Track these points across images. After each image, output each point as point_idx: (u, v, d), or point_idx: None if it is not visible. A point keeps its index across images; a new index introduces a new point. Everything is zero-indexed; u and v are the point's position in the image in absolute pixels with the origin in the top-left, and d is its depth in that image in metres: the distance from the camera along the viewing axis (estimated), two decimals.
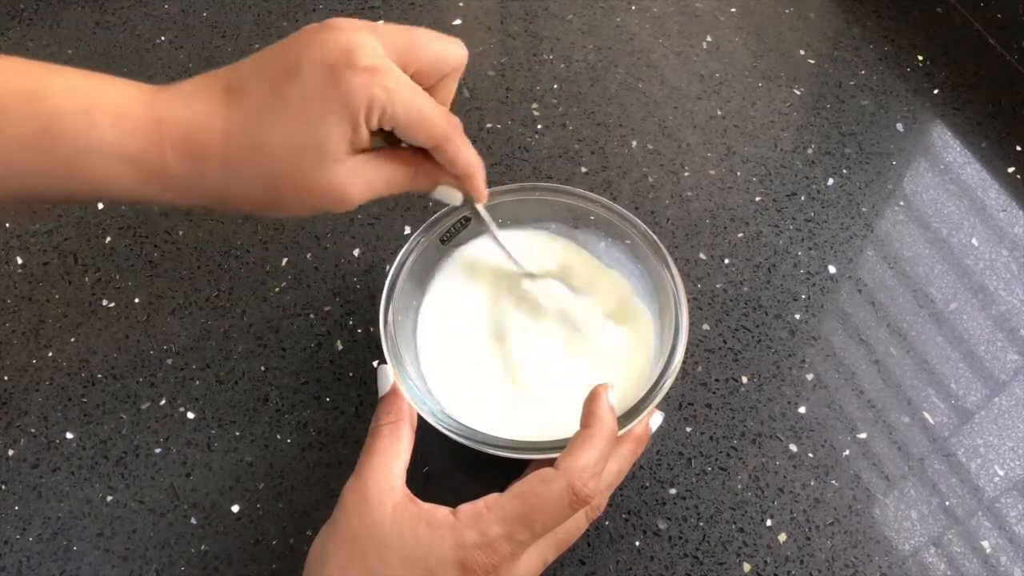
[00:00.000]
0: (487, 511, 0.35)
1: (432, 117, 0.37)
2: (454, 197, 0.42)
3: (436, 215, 0.46)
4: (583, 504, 0.35)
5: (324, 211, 0.37)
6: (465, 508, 0.35)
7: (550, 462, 0.36)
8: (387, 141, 0.40)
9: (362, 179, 0.37)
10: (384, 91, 0.35)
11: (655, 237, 0.45)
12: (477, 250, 0.49)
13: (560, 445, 0.38)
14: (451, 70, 0.39)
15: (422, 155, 0.39)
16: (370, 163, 0.37)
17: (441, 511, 0.35)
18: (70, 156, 0.34)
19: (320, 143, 0.35)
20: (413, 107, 0.36)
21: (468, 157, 0.40)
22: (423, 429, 0.40)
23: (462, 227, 0.47)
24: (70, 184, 0.35)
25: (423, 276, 0.47)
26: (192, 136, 0.34)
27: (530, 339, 0.46)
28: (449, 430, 0.40)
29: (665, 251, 0.45)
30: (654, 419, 0.42)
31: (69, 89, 0.34)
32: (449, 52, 0.39)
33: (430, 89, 0.39)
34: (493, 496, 0.35)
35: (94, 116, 0.34)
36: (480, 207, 0.44)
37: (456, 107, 0.61)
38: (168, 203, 0.37)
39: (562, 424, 0.43)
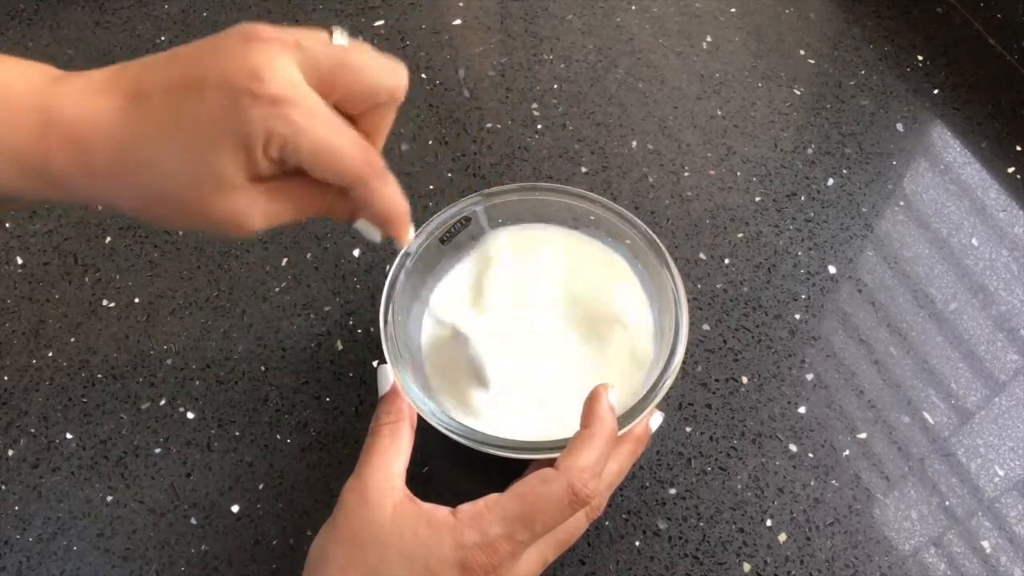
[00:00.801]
0: (487, 511, 0.35)
1: (345, 156, 0.33)
2: (373, 234, 0.38)
3: (436, 215, 0.46)
4: (583, 504, 0.35)
5: (217, 233, 0.34)
6: (465, 508, 0.35)
7: (550, 462, 0.36)
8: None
9: (261, 209, 0.34)
10: (287, 125, 0.31)
11: (655, 237, 0.45)
12: (477, 254, 0.49)
13: (560, 445, 0.38)
14: (386, 100, 0.35)
15: (338, 188, 0.36)
16: (273, 193, 0.34)
17: (441, 511, 0.35)
18: None
19: (212, 172, 0.32)
20: (322, 143, 0.32)
21: (386, 202, 0.36)
22: (423, 429, 0.40)
23: (462, 227, 0.47)
24: None
25: (423, 276, 0.47)
26: (80, 139, 0.32)
27: (530, 339, 0.46)
28: (449, 430, 0.40)
29: (665, 251, 0.45)
30: (654, 419, 0.42)
31: None
32: (382, 81, 0.34)
33: (359, 117, 0.35)
34: (493, 496, 0.35)
35: None
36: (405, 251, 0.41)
37: (456, 107, 0.61)
38: (54, 201, 0.35)
39: (562, 424, 0.43)
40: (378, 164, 0.35)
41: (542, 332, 0.46)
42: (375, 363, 0.50)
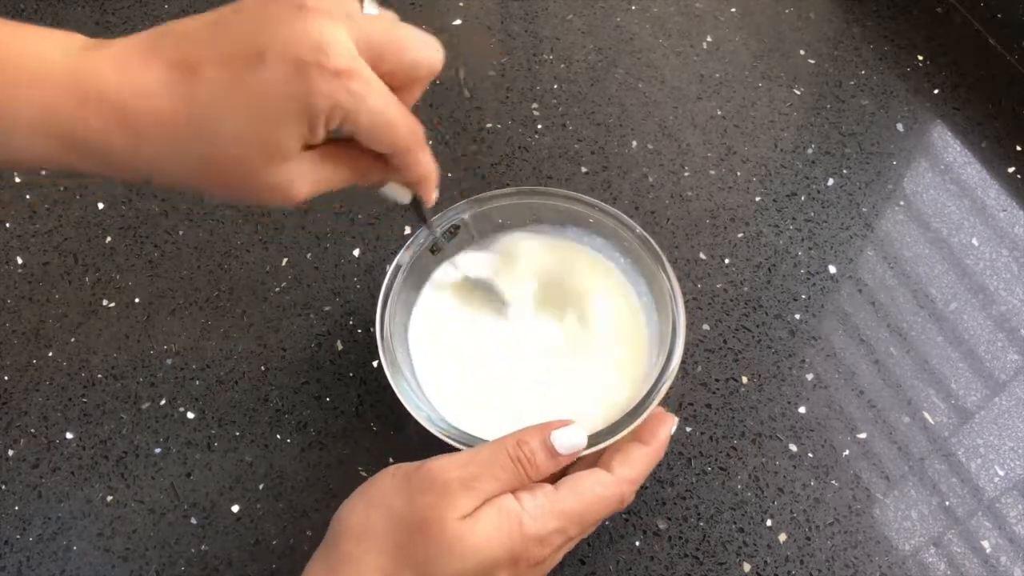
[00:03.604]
0: (548, 504, 0.35)
1: (395, 126, 0.35)
2: (402, 196, 0.40)
3: (434, 218, 0.46)
4: (619, 511, 0.38)
5: (263, 204, 0.35)
6: (528, 499, 0.35)
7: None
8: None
9: (308, 178, 0.35)
10: (351, 97, 0.32)
11: (651, 240, 0.45)
12: (472, 258, 0.49)
13: None
14: (424, 75, 0.36)
15: (375, 154, 0.37)
16: (319, 161, 0.35)
17: (507, 502, 0.35)
18: None
19: (273, 142, 0.32)
20: (378, 113, 0.34)
21: (424, 167, 0.38)
22: (421, 430, 0.40)
23: (451, 236, 0.47)
24: None
25: (416, 285, 0.47)
26: (127, 111, 0.32)
27: (526, 342, 0.46)
28: (447, 435, 0.40)
29: (661, 253, 0.45)
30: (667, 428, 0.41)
31: None
32: (424, 57, 0.36)
33: (397, 90, 0.36)
34: (551, 489, 0.36)
35: (13, 84, 0.32)
36: (427, 211, 0.42)
37: (456, 107, 0.61)
38: (96, 175, 0.34)
39: None
40: (421, 133, 0.36)
41: (538, 335, 0.46)
42: (375, 363, 0.50)
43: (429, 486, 0.34)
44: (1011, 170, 0.58)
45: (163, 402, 0.49)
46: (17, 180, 0.57)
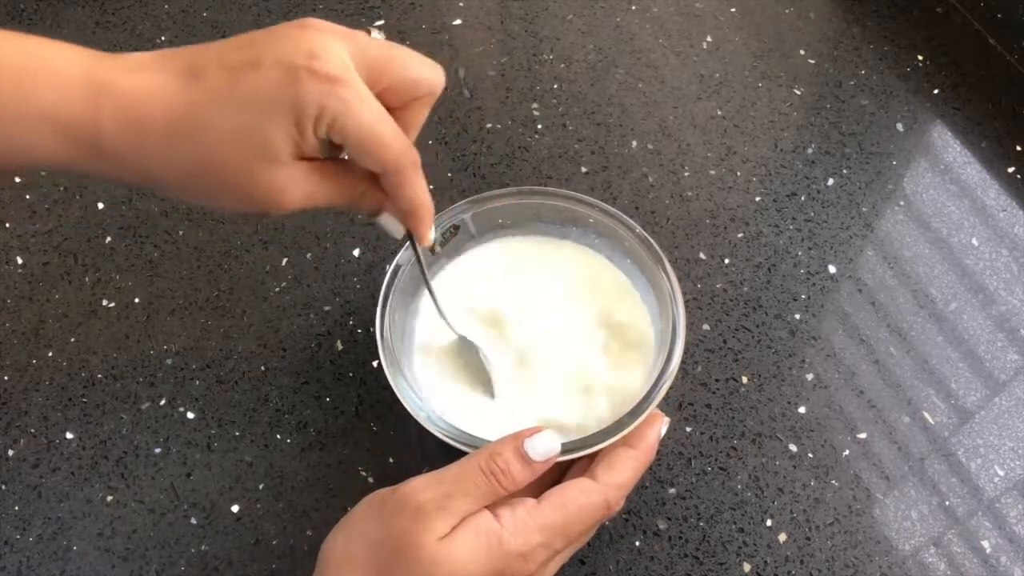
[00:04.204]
0: (529, 518, 0.35)
1: (386, 142, 0.35)
2: (396, 230, 0.40)
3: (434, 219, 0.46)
4: (609, 518, 0.37)
5: (254, 211, 0.36)
6: (507, 516, 0.35)
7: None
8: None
9: (300, 188, 0.35)
10: (340, 102, 0.33)
11: (651, 240, 0.45)
12: (470, 260, 0.49)
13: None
14: (424, 95, 0.37)
15: (372, 177, 0.38)
16: (313, 174, 0.36)
17: (486, 522, 0.34)
18: (2, 118, 0.33)
19: (264, 139, 0.34)
20: (367, 126, 0.34)
21: (416, 194, 0.38)
22: (421, 430, 0.40)
23: (451, 235, 0.47)
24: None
25: (416, 285, 0.47)
26: (134, 108, 0.33)
27: (527, 343, 0.46)
28: (447, 436, 0.40)
29: (661, 253, 0.45)
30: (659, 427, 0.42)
31: (8, 50, 0.33)
32: (424, 76, 0.37)
33: (397, 111, 0.37)
34: (532, 503, 0.35)
35: (30, 78, 0.33)
36: (420, 249, 0.41)
37: (456, 107, 0.61)
38: (97, 175, 0.36)
39: (560, 429, 0.43)
40: (415, 156, 0.37)
41: (539, 336, 0.46)
42: (375, 363, 0.50)
43: (403, 510, 0.34)
44: (1011, 170, 0.58)
45: (163, 402, 0.49)
46: (17, 180, 0.57)
